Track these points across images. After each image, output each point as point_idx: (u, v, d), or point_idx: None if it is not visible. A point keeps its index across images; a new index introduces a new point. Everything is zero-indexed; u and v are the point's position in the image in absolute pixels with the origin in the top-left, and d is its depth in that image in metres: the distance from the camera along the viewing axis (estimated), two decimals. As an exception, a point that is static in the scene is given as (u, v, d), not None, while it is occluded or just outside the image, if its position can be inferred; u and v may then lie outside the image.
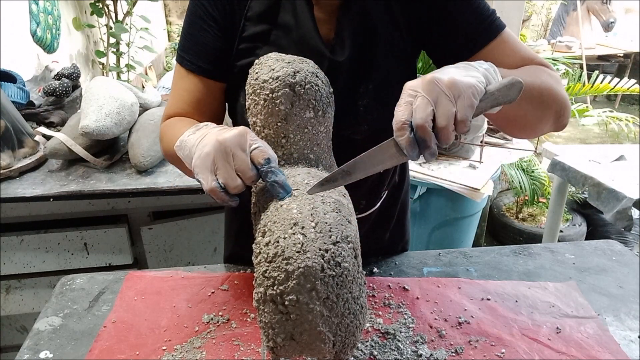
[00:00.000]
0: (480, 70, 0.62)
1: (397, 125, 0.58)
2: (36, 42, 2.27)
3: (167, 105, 0.89)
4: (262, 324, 0.59)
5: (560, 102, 0.76)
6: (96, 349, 0.81)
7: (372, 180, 0.94)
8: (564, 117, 0.79)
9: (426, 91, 0.57)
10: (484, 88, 0.59)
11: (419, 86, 0.58)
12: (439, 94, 0.57)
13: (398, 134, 0.58)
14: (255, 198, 0.71)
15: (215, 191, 0.63)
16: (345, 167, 0.61)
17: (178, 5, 5.06)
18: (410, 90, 0.59)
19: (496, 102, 0.61)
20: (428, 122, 0.56)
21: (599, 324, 0.86)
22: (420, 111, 0.56)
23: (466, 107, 0.57)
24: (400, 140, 0.58)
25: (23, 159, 1.52)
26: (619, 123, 2.73)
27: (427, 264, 1.03)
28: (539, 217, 2.92)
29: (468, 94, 0.57)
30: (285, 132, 0.71)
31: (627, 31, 5.36)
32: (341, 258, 0.57)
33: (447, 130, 0.56)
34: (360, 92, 0.81)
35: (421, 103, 0.57)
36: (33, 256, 1.50)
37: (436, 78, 0.57)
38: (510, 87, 0.61)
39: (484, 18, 0.79)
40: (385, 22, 0.80)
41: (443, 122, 0.56)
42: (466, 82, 0.57)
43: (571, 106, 0.83)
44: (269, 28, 0.81)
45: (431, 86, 0.57)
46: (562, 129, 0.82)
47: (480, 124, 2.01)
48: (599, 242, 1.11)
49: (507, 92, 0.61)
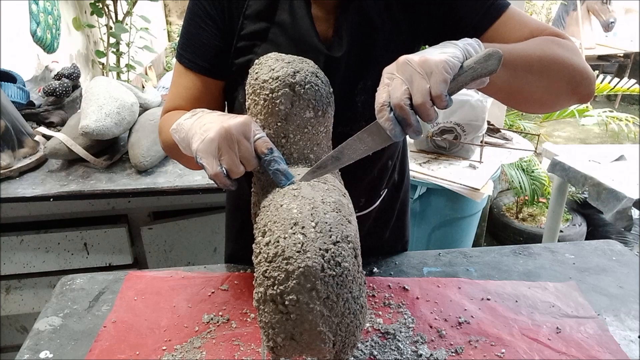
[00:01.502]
0: (459, 46, 0.63)
1: (378, 107, 0.61)
2: (36, 42, 2.27)
3: (166, 101, 0.90)
4: (262, 324, 0.59)
5: (573, 71, 0.73)
6: (96, 349, 0.81)
7: (371, 178, 0.94)
8: (582, 87, 0.75)
9: (400, 72, 0.60)
10: (458, 62, 0.61)
11: (394, 68, 0.61)
12: (412, 73, 0.59)
13: (379, 116, 0.61)
14: (256, 198, 0.71)
15: (220, 176, 0.65)
16: (334, 152, 0.65)
17: (178, 5, 5.06)
18: (387, 73, 0.62)
19: (475, 74, 0.62)
20: (404, 100, 0.59)
21: (599, 324, 0.86)
22: (396, 91, 0.59)
23: (439, 83, 0.58)
24: (382, 121, 0.61)
25: (23, 159, 1.52)
26: (619, 123, 2.73)
27: (427, 264, 1.03)
28: (539, 217, 2.92)
29: (439, 70, 0.59)
30: (285, 132, 0.71)
31: (627, 31, 5.36)
32: (341, 258, 0.57)
33: (424, 107, 0.59)
34: (359, 88, 0.82)
35: (396, 83, 0.60)
36: (33, 256, 1.50)
37: (408, 59, 0.60)
38: (488, 58, 0.61)
39: (483, 2, 0.78)
40: (384, 18, 0.80)
41: (419, 99, 0.59)
42: (437, 59, 0.59)
43: (594, 75, 0.80)
44: (267, 26, 0.81)
45: (404, 67, 0.60)
46: (588, 99, 0.79)
47: (480, 124, 2.01)
48: (599, 242, 1.11)
49: (485, 63, 0.61)
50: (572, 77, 0.74)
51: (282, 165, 0.66)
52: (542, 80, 0.73)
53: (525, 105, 0.80)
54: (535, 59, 0.71)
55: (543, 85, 0.73)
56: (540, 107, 0.81)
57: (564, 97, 0.77)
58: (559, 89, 0.75)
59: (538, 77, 0.72)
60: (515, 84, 0.72)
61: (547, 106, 0.80)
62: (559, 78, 0.74)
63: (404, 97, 0.59)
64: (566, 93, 0.76)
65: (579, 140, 4.64)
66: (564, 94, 0.76)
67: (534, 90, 0.74)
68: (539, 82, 0.73)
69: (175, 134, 0.74)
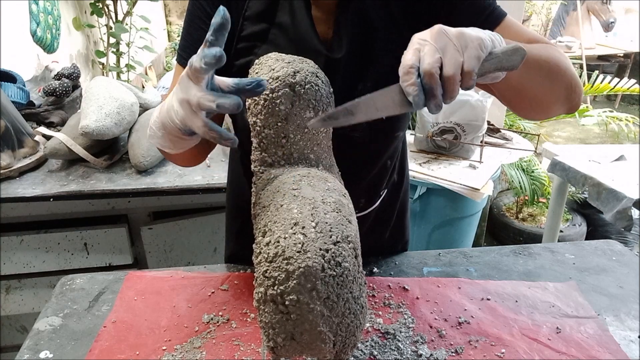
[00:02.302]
0: (487, 32, 0.62)
1: (404, 69, 0.57)
2: (36, 42, 2.27)
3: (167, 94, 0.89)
4: (263, 324, 0.59)
5: (570, 77, 0.75)
6: (96, 349, 0.81)
7: (371, 178, 0.94)
8: (575, 95, 0.77)
9: (434, 40, 0.57)
10: (491, 45, 0.59)
11: (428, 35, 0.58)
12: (447, 43, 0.57)
13: (405, 79, 0.57)
14: (256, 198, 0.71)
15: (208, 125, 0.59)
16: (349, 105, 0.58)
17: (178, 5, 5.06)
18: (419, 39, 0.59)
19: (500, 64, 0.61)
20: (435, 68, 0.56)
21: (599, 324, 0.86)
22: (428, 57, 0.56)
23: (473, 58, 0.57)
24: (407, 85, 0.57)
25: (23, 159, 1.52)
26: (619, 123, 2.73)
27: (427, 264, 1.03)
28: (539, 217, 2.92)
29: (475, 45, 0.57)
30: (285, 132, 0.71)
31: (627, 31, 5.36)
32: (342, 258, 0.57)
33: (454, 80, 0.56)
34: (359, 90, 0.81)
35: (429, 50, 0.57)
36: (33, 256, 1.50)
37: (444, 29, 0.58)
38: (514, 52, 0.61)
39: (483, 9, 0.79)
40: (384, 21, 0.80)
41: (450, 71, 0.56)
42: (474, 34, 0.58)
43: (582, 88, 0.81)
44: (267, 27, 0.81)
45: (439, 36, 0.57)
46: (575, 109, 0.80)
47: (480, 124, 2.01)
48: (599, 242, 1.11)
49: (510, 56, 0.61)
50: (569, 84, 0.76)
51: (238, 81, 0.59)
52: (546, 80, 0.74)
53: (527, 107, 0.80)
54: (544, 60, 0.72)
55: (547, 87, 0.74)
56: (539, 110, 0.82)
57: (560, 103, 0.78)
58: (559, 94, 0.76)
59: (545, 78, 0.73)
60: (526, 82, 0.72)
61: (544, 111, 0.81)
62: (560, 82, 0.75)
63: (435, 65, 0.56)
64: (563, 99, 0.78)
65: (579, 140, 4.64)
66: (561, 100, 0.78)
67: (539, 91, 0.74)
68: (545, 83, 0.74)
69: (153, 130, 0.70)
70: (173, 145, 0.69)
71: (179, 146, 0.70)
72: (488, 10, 0.78)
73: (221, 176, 1.48)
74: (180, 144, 0.69)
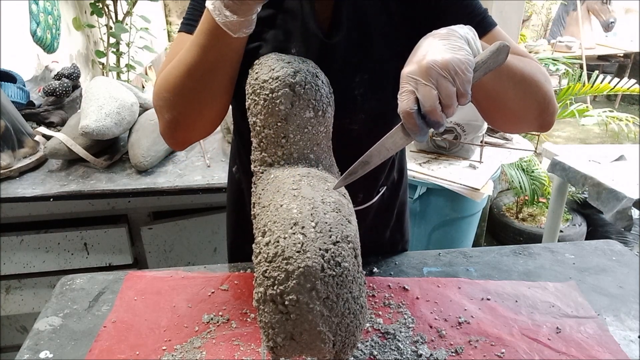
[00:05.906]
0: (463, 38, 0.63)
1: (404, 114, 0.60)
2: (36, 42, 2.27)
3: (161, 67, 0.84)
4: (262, 324, 0.59)
5: (544, 95, 0.77)
6: (96, 349, 0.81)
7: (370, 172, 0.94)
8: (547, 114, 0.79)
9: (426, 77, 0.60)
10: (473, 59, 0.62)
11: (417, 73, 0.60)
12: (438, 77, 0.59)
13: (407, 123, 0.61)
14: (255, 198, 0.71)
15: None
16: (363, 158, 0.65)
17: (178, 5, 5.05)
18: (410, 77, 0.61)
19: (488, 69, 0.64)
20: (437, 106, 0.59)
21: (599, 324, 0.86)
22: (428, 99, 0.59)
23: (464, 83, 0.60)
24: (410, 128, 0.61)
25: (23, 159, 1.52)
26: (619, 123, 2.73)
27: (427, 264, 1.03)
28: (539, 217, 2.92)
29: (462, 70, 0.59)
30: (285, 132, 0.71)
31: (627, 31, 5.36)
32: (341, 258, 0.57)
33: (452, 108, 0.60)
34: (357, 81, 0.82)
35: (426, 91, 0.59)
36: (33, 256, 1.50)
37: (430, 62, 0.59)
38: (499, 52, 0.63)
39: (475, 15, 0.80)
40: (381, 16, 0.81)
41: (448, 102, 0.59)
42: (458, 59, 0.60)
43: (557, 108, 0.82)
44: (274, 12, 0.82)
45: (429, 71, 0.59)
46: (547, 128, 0.83)
47: (480, 124, 2.01)
48: (599, 242, 1.11)
49: (496, 58, 0.64)
50: (542, 100, 0.78)
51: None
52: (518, 93, 0.75)
53: (499, 117, 0.82)
54: (518, 71, 0.74)
55: (519, 98, 0.76)
56: (510, 122, 0.83)
57: (530, 118, 0.80)
58: (530, 107, 0.78)
59: (517, 89, 0.75)
60: (499, 89, 0.74)
61: (514, 123, 0.83)
62: (532, 96, 0.77)
63: (436, 104, 0.59)
64: (533, 113, 0.79)
65: (579, 140, 4.64)
66: (532, 114, 0.79)
67: (510, 99, 0.76)
68: (517, 93, 0.75)
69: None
70: None
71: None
72: (479, 17, 0.80)
73: (221, 176, 1.48)
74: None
